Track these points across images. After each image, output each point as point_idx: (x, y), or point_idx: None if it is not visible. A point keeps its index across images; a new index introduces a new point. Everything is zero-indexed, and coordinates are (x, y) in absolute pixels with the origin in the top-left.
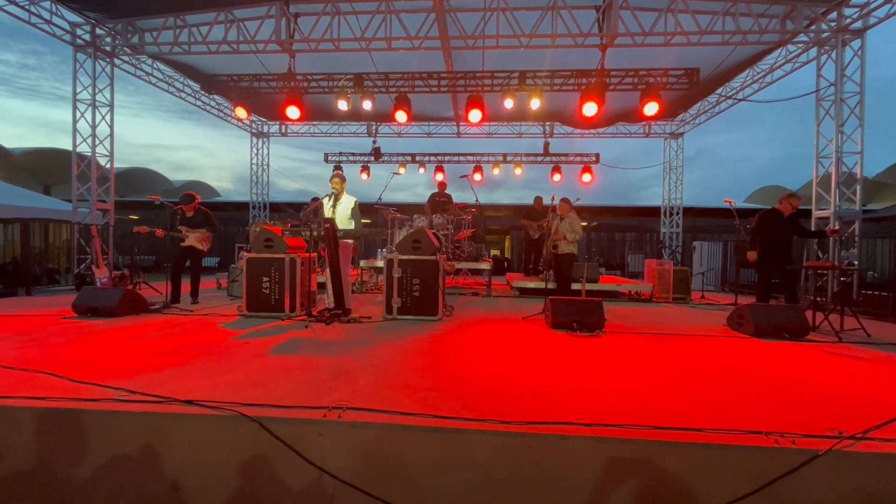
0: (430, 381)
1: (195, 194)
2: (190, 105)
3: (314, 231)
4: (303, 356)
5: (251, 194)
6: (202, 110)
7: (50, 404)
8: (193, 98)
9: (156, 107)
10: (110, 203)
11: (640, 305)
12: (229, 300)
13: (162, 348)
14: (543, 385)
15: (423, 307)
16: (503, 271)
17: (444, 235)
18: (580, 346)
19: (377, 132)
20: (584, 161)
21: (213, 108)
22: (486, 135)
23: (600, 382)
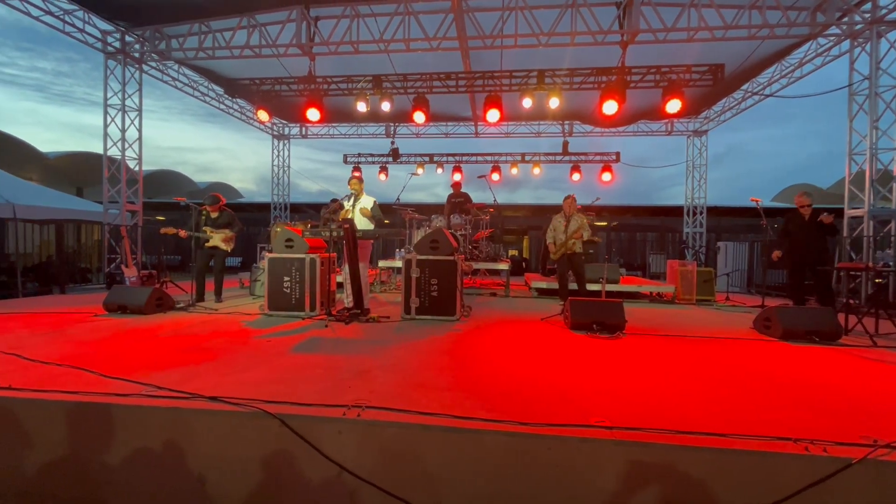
0: (448, 380)
1: (220, 196)
2: (214, 108)
3: (334, 231)
4: (323, 355)
5: (272, 195)
6: (226, 113)
7: (82, 398)
8: (217, 102)
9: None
10: (139, 204)
11: (662, 307)
12: (251, 299)
13: (187, 345)
14: (563, 386)
15: (442, 307)
16: (521, 272)
17: (462, 236)
18: (600, 348)
19: (395, 133)
20: (603, 160)
21: (236, 112)
22: (504, 134)
23: (621, 385)
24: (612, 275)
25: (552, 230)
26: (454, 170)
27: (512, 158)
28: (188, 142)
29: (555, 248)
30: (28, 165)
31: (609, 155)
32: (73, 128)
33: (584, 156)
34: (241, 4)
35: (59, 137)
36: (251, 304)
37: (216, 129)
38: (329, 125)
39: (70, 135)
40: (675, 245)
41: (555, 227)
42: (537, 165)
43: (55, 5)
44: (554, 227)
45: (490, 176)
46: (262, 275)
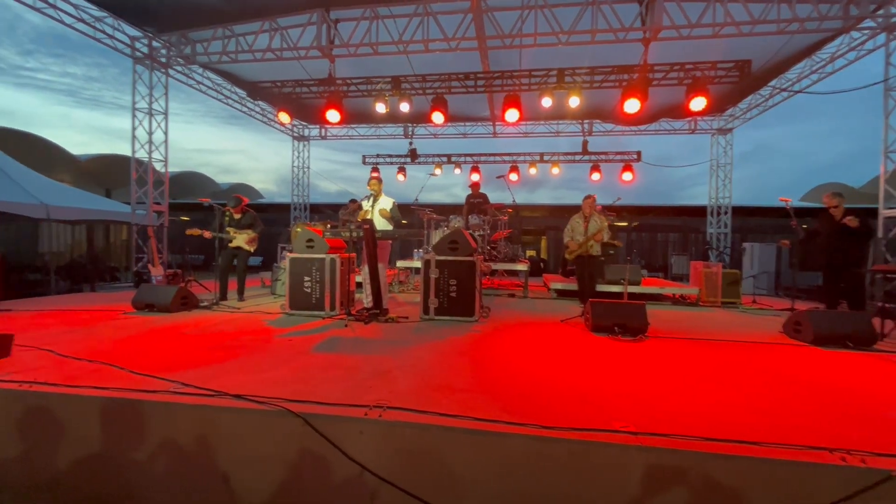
0: (468, 382)
1: (243, 197)
2: (236, 111)
3: (353, 232)
4: (343, 354)
5: (293, 196)
6: (248, 116)
7: (113, 394)
8: (240, 104)
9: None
10: (165, 205)
11: (685, 309)
12: (273, 298)
13: (212, 344)
14: (585, 390)
15: (460, 308)
16: (540, 272)
17: (480, 236)
18: (622, 351)
19: (413, 134)
20: (624, 159)
21: (257, 114)
22: (522, 134)
23: (645, 389)
24: (633, 276)
25: (570, 230)
26: (472, 170)
27: (530, 158)
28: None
29: (573, 247)
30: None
31: (630, 154)
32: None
33: (604, 155)
34: (264, 8)
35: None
36: (272, 303)
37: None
38: (348, 126)
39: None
40: (698, 246)
41: (573, 228)
42: (556, 165)
43: (87, 13)
44: (572, 227)
45: (508, 176)
46: (283, 274)
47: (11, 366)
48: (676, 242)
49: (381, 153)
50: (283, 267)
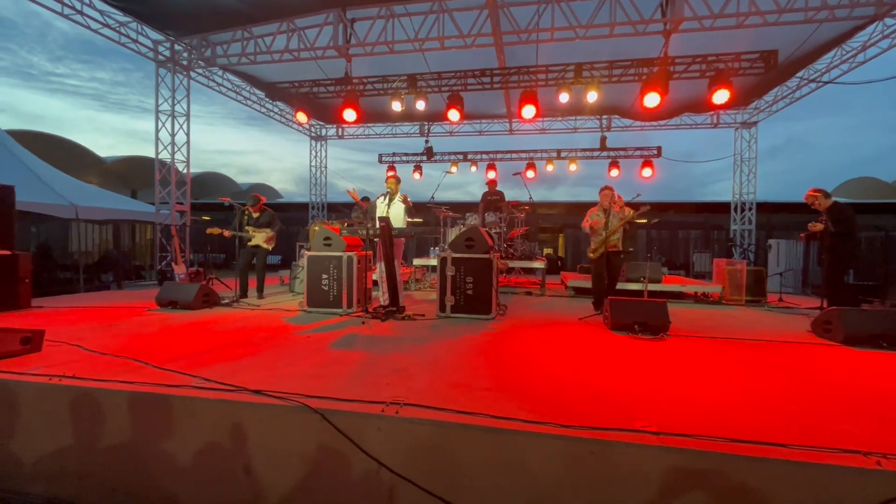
0: (485, 380)
1: (261, 196)
2: (255, 112)
3: (370, 229)
4: (360, 351)
5: (310, 195)
6: (266, 116)
7: (140, 388)
8: (258, 105)
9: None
10: (187, 205)
11: (708, 308)
12: (291, 296)
13: (232, 340)
14: (605, 389)
15: (477, 306)
16: (557, 270)
17: (496, 234)
18: (643, 350)
19: (429, 132)
20: (644, 155)
21: (276, 114)
22: (539, 131)
23: (667, 388)
24: (654, 274)
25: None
26: (488, 167)
27: (547, 155)
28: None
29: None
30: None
31: (650, 149)
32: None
33: (623, 151)
34: (281, 9)
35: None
36: (291, 300)
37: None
38: (364, 125)
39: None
40: (720, 243)
41: (592, 219)
42: (574, 162)
43: (112, 18)
44: (591, 218)
45: (525, 173)
46: (301, 272)
47: (42, 360)
48: (698, 240)
49: (398, 151)
50: (302, 265)
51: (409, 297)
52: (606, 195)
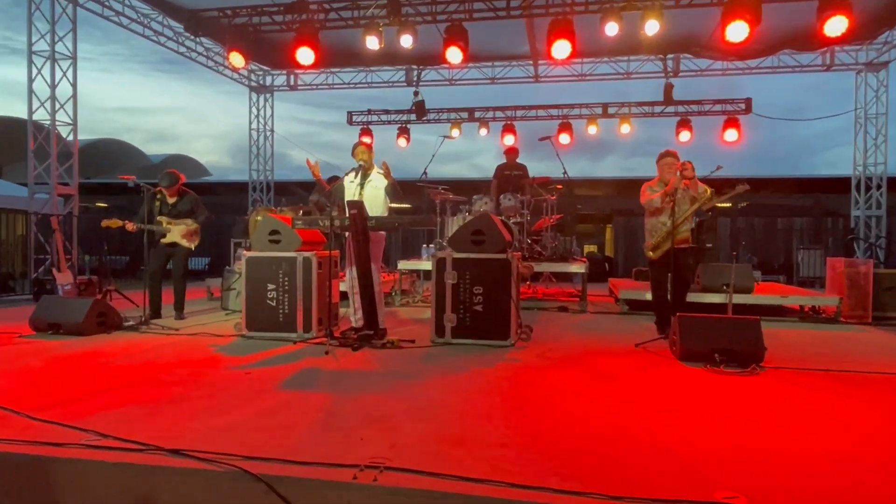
0: (501, 432)
1: (178, 173)
2: (171, 53)
3: (336, 220)
4: (323, 393)
5: (251, 171)
6: (186, 59)
7: (4, 448)
8: (175, 43)
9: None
10: (74, 187)
11: (819, 328)
12: (224, 315)
13: (140, 378)
14: (672, 443)
15: (489, 327)
16: (604, 276)
17: (516, 224)
18: (727, 388)
19: (420, 80)
20: (726, 111)
21: (200, 56)
22: (576, 77)
23: (760, 443)
24: (741, 280)
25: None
26: (505, 130)
27: (589, 112)
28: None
29: (654, 232)
30: None
31: (735, 103)
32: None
33: (697, 105)
34: None
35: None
36: (223, 321)
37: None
38: (327, 71)
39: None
40: (837, 236)
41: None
42: (626, 121)
43: None
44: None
45: (557, 138)
46: (237, 281)
47: None
48: (805, 231)
49: (375, 108)
50: (239, 271)
51: (392, 315)
52: (669, 164)
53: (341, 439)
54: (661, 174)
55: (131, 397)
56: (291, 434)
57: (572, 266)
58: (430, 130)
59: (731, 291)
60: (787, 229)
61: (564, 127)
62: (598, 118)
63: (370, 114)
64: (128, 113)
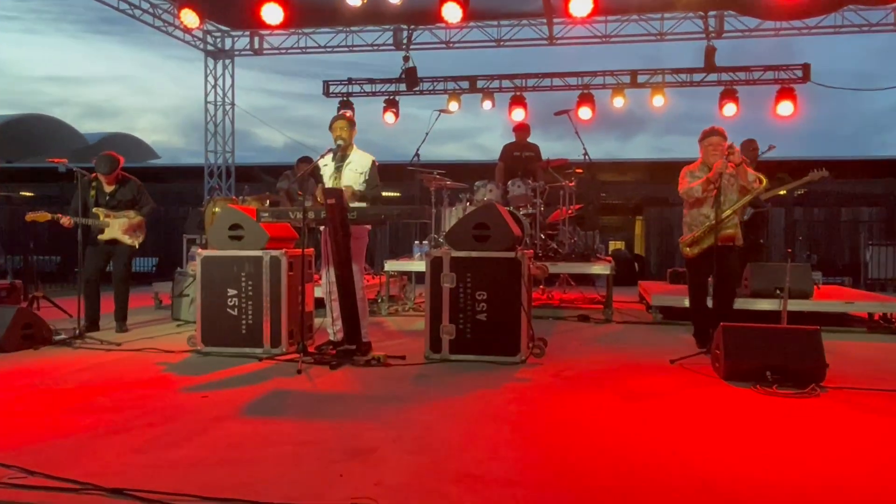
0: (509, 466)
1: (117, 155)
2: (110, 10)
3: (310, 212)
4: (295, 420)
5: (207, 153)
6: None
7: None
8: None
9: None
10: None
11: (892, 340)
12: (175, 327)
13: (74, 402)
14: (715, 480)
15: (495, 341)
16: (632, 278)
17: (527, 217)
18: (780, 413)
19: (411, 42)
20: (780, 79)
21: (145, 14)
22: (599, 38)
23: (821, 477)
24: (798, 283)
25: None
26: (513, 103)
27: (615, 81)
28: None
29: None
30: None
31: (790, 70)
32: None
33: (744, 72)
34: None
35: None
36: (175, 334)
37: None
38: (299, 32)
39: None
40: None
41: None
42: (659, 91)
43: None
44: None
45: (577, 112)
46: (191, 286)
47: None
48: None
49: (357, 77)
50: (193, 273)
51: (378, 326)
52: (714, 145)
53: (317, 476)
54: (704, 156)
55: (63, 426)
56: (256, 470)
57: (595, 266)
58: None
59: (786, 297)
60: (853, 221)
61: (585, 99)
62: (626, 88)
63: (351, 83)
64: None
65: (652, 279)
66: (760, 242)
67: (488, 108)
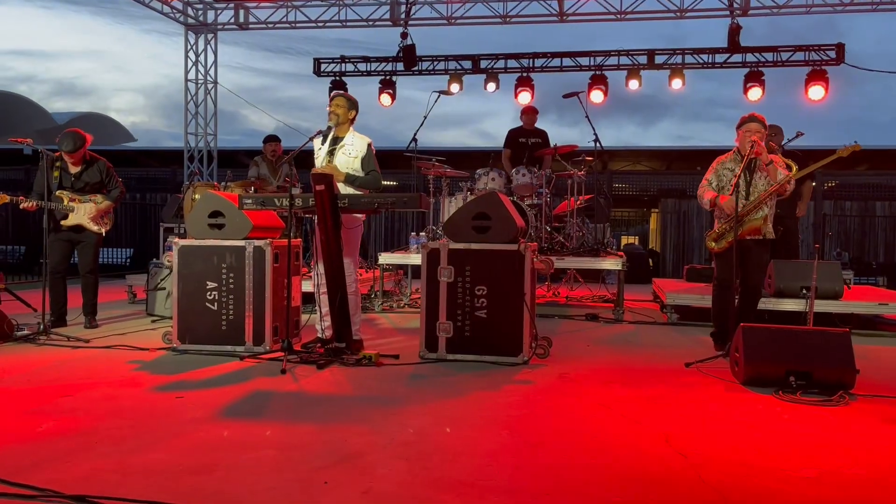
0: (508, 474)
1: (84, 133)
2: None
3: (298, 199)
4: (277, 423)
5: (186, 135)
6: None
7: None
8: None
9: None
10: None
11: None
12: (149, 322)
13: (36, 403)
14: (733, 491)
15: (495, 339)
16: (646, 275)
17: (532, 208)
18: (804, 423)
19: (409, 17)
20: (811, 61)
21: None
22: (614, 15)
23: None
24: (827, 282)
25: (710, 185)
26: (519, 85)
27: (629, 61)
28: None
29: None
30: None
31: (822, 50)
32: None
33: (771, 53)
34: None
35: None
36: (149, 330)
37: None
38: (288, 4)
39: None
40: None
41: (720, 178)
42: (678, 74)
43: None
44: (718, 176)
45: (589, 95)
46: (168, 279)
47: None
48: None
49: (350, 55)
50: (169, 265)
51: (370, 323)
52: (750, 132)
53: (299, 483)
54: (740, 143)
55: (24, 429)
56: (234, 477)
57: (605, 262)
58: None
59: (813, 296)
60: (889, 217)
61: (597, 81)
62: (642, 69)
63: (344, 62)
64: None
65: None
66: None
67: (492, 90)
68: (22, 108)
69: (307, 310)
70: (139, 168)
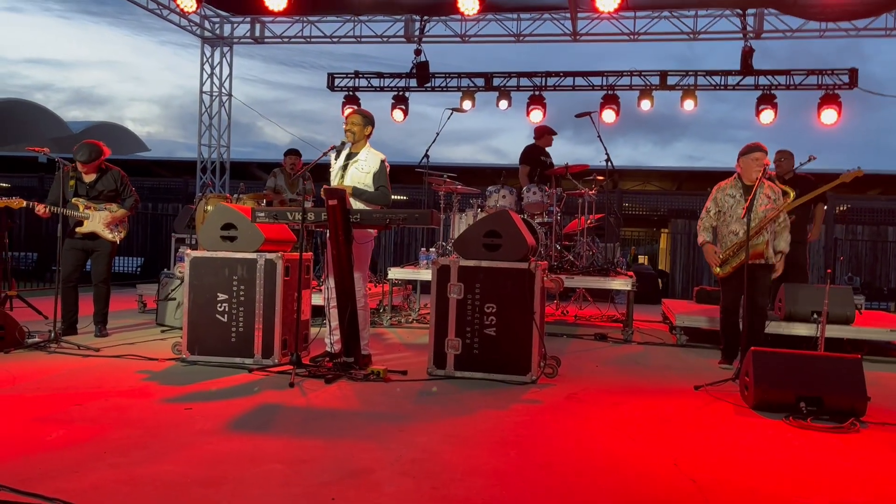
0: (515, 495)
1: (102, 145)
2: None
3: (309, 213)
4: (285, 437)
5: (200, 146)
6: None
7: None
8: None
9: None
10: None
11: None
12: (159, 332)
13: (45, 412)
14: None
15: (504, 357)
16: (656, 296)
17: (542, 226)
18: (815, 450)
19: (423, 34)
20: (824, 84)
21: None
22: (627, 36)
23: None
24: (838, 307)
25: (710, 213)
26: (532, 103)
27: (642, 81)
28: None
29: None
30: None
31: (836, 74)
32: None
33: (783, 76)
34: None
35: None
36: (159, 340)
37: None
38: (304, 19)
39: None
40: None
41: (720, 205)
42: (691, 95)
43: None
44: (718, 203)
45: (601, 115)
46: (178, 289)
47: None
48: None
49: (364, 71)
50: (181, 275)
51: (379, 337)
52: (758, 161)
53: (306, 498)
54: (743, 171)
55: (33, 437)
56: (242, 490)
57: (614, 282)
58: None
59: (824, 321)
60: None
61: (609, 100)
62: (654, 89)
63: (358, 77)
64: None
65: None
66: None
67: (504, 107)
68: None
69: (316, 323)
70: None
